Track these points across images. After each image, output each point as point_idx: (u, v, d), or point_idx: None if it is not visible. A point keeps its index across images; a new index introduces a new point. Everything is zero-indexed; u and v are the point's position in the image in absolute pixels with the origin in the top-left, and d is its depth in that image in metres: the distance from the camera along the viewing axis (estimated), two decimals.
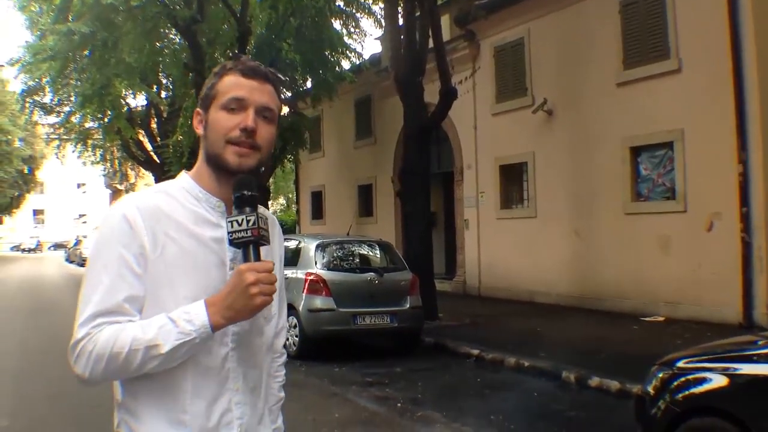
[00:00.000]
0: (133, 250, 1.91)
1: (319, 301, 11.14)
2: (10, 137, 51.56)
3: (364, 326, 11.23)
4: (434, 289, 14.56)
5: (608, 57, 14.90)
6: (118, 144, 33.78)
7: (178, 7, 21.59)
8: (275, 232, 2.18)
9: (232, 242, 1.91)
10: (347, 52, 22.51)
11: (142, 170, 39.06)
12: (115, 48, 20.52)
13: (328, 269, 11.55)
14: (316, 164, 28.13)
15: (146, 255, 1.92)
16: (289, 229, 32.44)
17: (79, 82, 25.46)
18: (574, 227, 15.88)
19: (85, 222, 79.97)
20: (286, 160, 25.23)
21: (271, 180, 41.12)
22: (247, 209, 1.91)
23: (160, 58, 23.33)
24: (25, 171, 64.61)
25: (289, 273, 11.81)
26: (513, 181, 18.20)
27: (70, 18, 20.31)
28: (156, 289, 1.92)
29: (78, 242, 49.23)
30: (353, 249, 12.41)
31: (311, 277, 11.24)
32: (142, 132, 32.81)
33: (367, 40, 77.14)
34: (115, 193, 68.70)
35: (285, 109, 24.58)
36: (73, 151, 36.93)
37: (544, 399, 8.57)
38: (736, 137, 12.32)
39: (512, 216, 18.02)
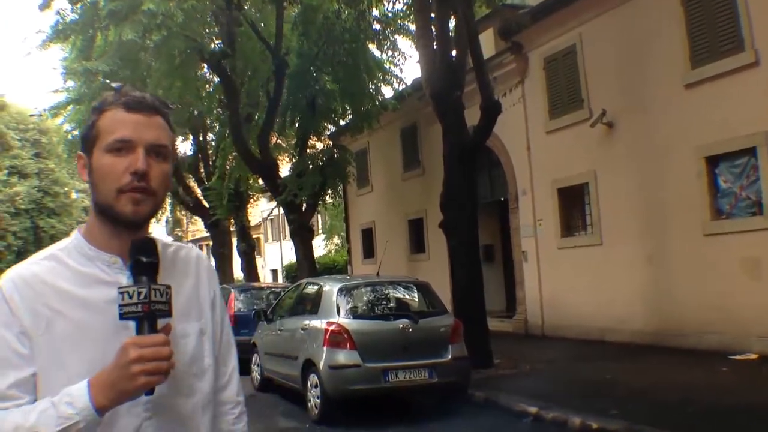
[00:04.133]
0: (14, 329, 1.72)
1: (343, 356, 9.41)
2: (67, 189, 51.54)
3: (396, 383, 9.42)
4: (487, 333, 12.69)
5: (672, 56, 12.99)
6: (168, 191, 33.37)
7: (213, 42, 20.57)
8: (202, 269, 2.02)
9: (122, 316, 1.66)
10: (387, 77, 21.02)
11: (194, 216, 38.18)
12: (144, 87, 19.51)
13: (353, 317, 9.85)
14: (365, 200, 26.54)
15: (29, 334, 1.72)
16: (341, 269, 30.96)
17: None
18: (646, 253, 13.85)
19: None
20: (327, 197, 23.62)
21: (322, 218, 40.12)
22: (143, 279, 1.70)
23: (197, 97, 22.26)
24: None
25: (308, 323, 10.21)
26: (574, 205, 16.23)
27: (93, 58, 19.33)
28: (47, 372, 1.71)
29: None
30: (383, 292, 10.65)
31: (332, 328, 9.53)
32: (192, 177, 32.14)
33: (409, 65, 75.43)
34: (178, 241, 68.56)
35: (320, 144, 23.25)
36: None
37: None
38: None
39: (575, 244, 16.02)
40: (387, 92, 21.72)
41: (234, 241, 31.47)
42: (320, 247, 37.55)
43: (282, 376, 11.32)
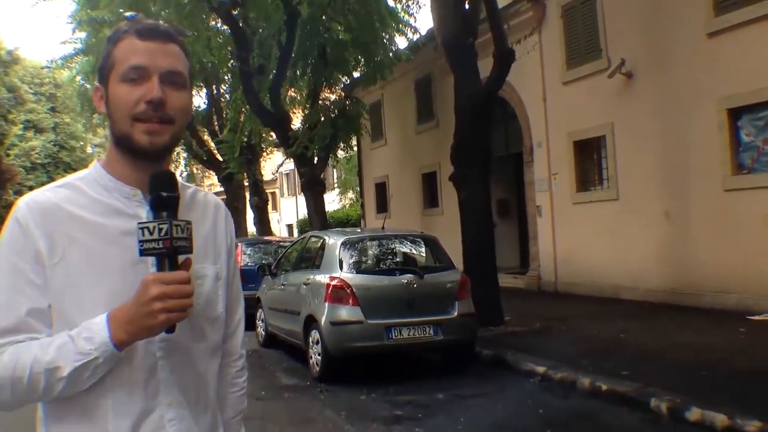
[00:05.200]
0: (28, 257, 1.68)
1: (345, 312, 9.09)
2: (83, 143, 51.40)
3: (400, 341, 9.10)
4: (497, 289, 12.33)
5: (695, 3, 12.39)
6: (182, 145, 33.31)
7: None
8: (220, 216, 1.98)
9: (142, 252, 1.63)
10: (401, 27, 20.43)
11: (208, 170, 37.90)
12: None
13: (356, 272, 9.48)
14: (379, 153, 26.06)
15: (43, 262, 1.68)
16: (355, 223, 30.68)
17: None
18: (663, 209, 13.38)
19: None
20: (340, 150, 23.21)
21: (337, 173, 39.75)
22: (164, 214, 1.65)
23: (208, 48, 21.78)
24: None
25: (311, 278, 9.89)
26: (590, 158, 15.74)
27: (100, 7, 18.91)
28: (61, 301, 1.68)
29: None
30: (388, 246, 10.27)
31: (334, 282, 9.19)
32: (205, 130, 31.93)
33: (423, 14, 73.30)
34: None
35: (333, 96, 22.69)
36: None
37: None
38: None
39: (590, 199, 15.56)
40: (401, 42, 21.22)
41: (248, 195, 31.28)
42: (334, 201, 37.30)
43: (285, 332, 11.03)
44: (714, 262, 12.23)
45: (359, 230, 13.85)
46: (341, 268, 9.45)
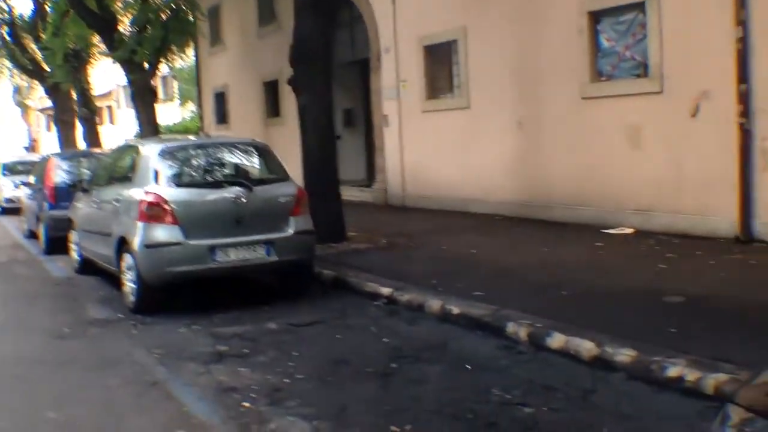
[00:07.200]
0: None
1: (162, 232, 7.80)
2: None
3: (227, 263, 7.94)
4: (340, 204, 11.32)
5: None
6: (5, 55, 30.69)
7: None
8: None
9: None
10: None
11: (34, 80, 34.81)
12: None
13: (176, 186, 8.16)
14: (218, 60, 24.33)
15: None
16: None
17: None
18: (517, 118, 12.62)
19: None
20: (175, 56, 21.42)
21: (174, 84, 37.56)
22: None
23: None
24: None
25: (123, 193, 8.53)
26: (441, 64, 14.73)
27: None
28: None
29: None
30: (214, 156, 8.89)
31: (149, 198, 7.87)
32: (30, 36, 29.32)
33: None
34: (26, 111, 63.89)
35: None
36: None
37: (482, 379, 5.40)
38: None
39: (440, 108, 14.66)
40: None
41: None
42: (175, 114, 35.24)
43: (100, 257, 9.57)
44: (569, 173, 11.61)
45: (182, 138, 12.43)
46: (157, 181, 8.11)
